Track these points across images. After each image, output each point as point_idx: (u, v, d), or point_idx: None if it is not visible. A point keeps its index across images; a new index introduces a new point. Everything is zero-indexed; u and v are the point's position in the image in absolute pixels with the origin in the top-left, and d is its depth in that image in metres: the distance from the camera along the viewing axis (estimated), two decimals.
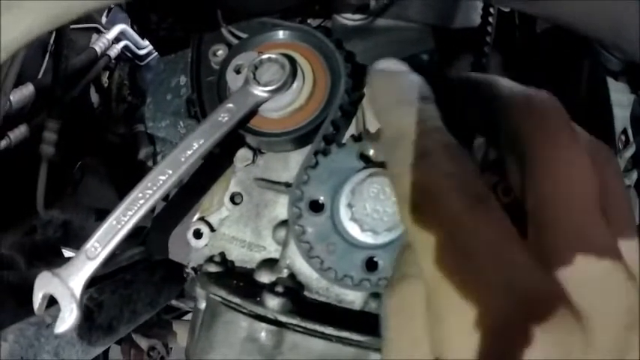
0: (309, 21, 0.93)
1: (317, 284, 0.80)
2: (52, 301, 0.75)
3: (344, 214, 0.70)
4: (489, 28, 0.96)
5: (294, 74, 0.81)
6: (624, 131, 1.23)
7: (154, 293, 1.58)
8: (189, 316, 2.23)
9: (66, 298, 0.73)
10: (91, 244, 0.74)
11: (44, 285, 0.74)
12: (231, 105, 0.79)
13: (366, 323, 0.77)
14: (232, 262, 0.89)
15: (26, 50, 1.47)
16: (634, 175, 1.23)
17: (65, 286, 0.73)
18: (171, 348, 2.38)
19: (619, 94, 1.22)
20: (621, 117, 1.22)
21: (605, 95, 1.21)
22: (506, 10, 1.05)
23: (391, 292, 0.51)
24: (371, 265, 0.73)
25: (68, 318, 0.73)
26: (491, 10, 0.95)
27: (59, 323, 0.73)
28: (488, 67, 0.96)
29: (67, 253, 1.82)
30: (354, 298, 0.80)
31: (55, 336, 1.15)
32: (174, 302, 1.96)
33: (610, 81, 1.24)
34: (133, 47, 2.18)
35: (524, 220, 0.47)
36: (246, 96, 0.80)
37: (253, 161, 0.88)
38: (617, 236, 0.45)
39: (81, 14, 0.49)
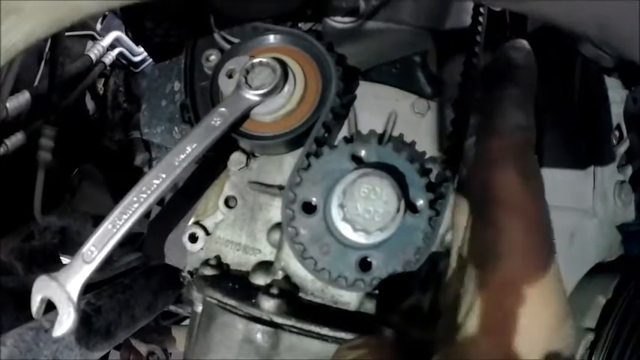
0: (300, 25, 0.94)
1: (312, 286, 0.80)
2: (50, 306, 0.76)
3: (336, 214, 0.71)
4: (480, 28, 0.96)
5: (285, 78, 0.81)
6: (618, 127, 1.24)
7: (151, 298, 1.58)
8: (188, 322, 2.23)
9: (63, 302, 0.74)
10: (88, 247, 0.75)
11: (42, 289, 0.75)
12: (223, 109, 0.80)
13: (361, 324, 0.77)
14: (228, 265, 0.90)
15: (22, 58, 1.47)
16: (628, 171, 1.24)
17: (62, 290, 0.74)
18: (170, 353, 2.38)
19: (612, 91, 1.22)
20: (615, 113, 1.23)
21: (599, 92, 1.22)
22: (497, 9, 1.05)
23: None
24: (365, 265, 0.73)
25: (66, 321, 0.73)
26: (482, 10, 0.96)
27: (57, 326, 0.73)
28: (480, 67, 0.96)
29: (64, 259, 1.82)
30: (349, 299, 0.80)
31: (53, 340, 1.15)
32: (172, 308, 1.97)
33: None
34: (127, 54, 2.19)
35: None
36: (238, 100, 0.80)
37: (247, 165, 0.89)
38: None
39: (79, 19, 0.50)
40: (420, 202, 0.73)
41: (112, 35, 2.12)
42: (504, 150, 0.52)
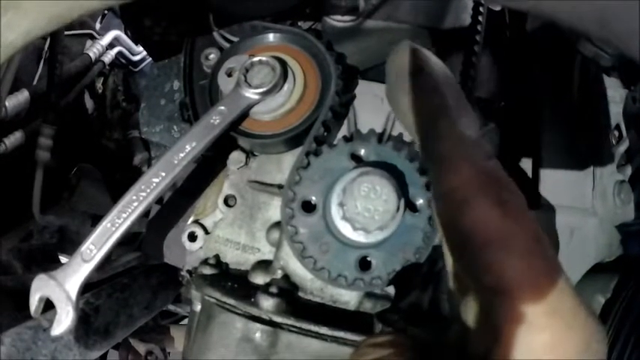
0: (299, 24, 0.94)
1: (311, 285, 0.80)
2: (49, 305, 0.76)
3: (335, 213, 0.71)
4: (479, 27, 0.96)
5: (284, 76, 0.81)
6: (617, 127, 1.24)
7: (150, 297, 1.58)
8: (186, 321, 2.23)
9: (62, 301, 0.73)
10: (87, 246, 0.74)
11: (40, 287, 0.74)
12: (222, 107, 0.80)
13: (360, 323, 0.77)
14: (227, 264, 0.90)
15: (21, 56, 1.47)
16: (628, 170, 1.24)
17: (61, 289, 0.73)
18: (169, 352, 2.37)
19: (611, 90, 1.22)
20: (614, 113, 1.23)
21: (598, 91, 1.21)
22: (496, 9, 1.05)
23: None
24: (364, 264, 0.73)
25: (64, 320, 0.73)
26: (481, 9, 0.96)
27: (55, 325, 0.73)
28: (479, 66, 0.96)
29: (63, 259, 1.82)
30: (348, 299, 0.80)
31: (51, 339, 1.15)
32: (171, 307, 1.97)
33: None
34: (126, 53, 2.19)
35: None
36: (238, 98, 0.80)
37: (246, 163, 0.88)
38: None
39: (78, 16, 0.49)
40: (420, 201, 0.73)
41: (111, 34, 2.12)
42: (469, 184, 0.45)
